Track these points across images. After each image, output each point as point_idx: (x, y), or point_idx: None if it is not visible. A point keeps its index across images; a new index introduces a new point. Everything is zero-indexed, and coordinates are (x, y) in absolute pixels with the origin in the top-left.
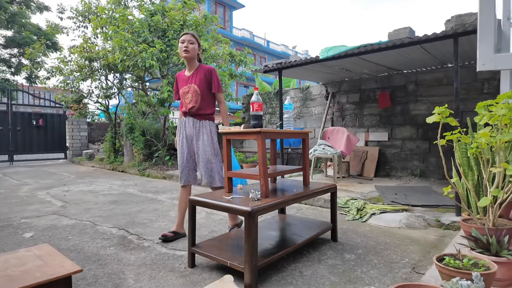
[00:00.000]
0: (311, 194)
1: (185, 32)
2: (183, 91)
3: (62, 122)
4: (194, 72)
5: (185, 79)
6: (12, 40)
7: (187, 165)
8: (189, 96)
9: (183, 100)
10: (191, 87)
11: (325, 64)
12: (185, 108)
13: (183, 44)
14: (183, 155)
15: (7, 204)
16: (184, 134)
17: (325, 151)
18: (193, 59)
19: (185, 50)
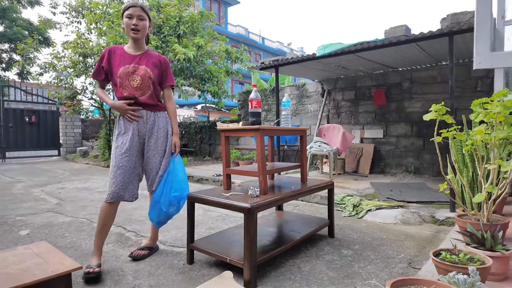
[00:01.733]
0: (308, 191)
1: (131, 4)
2: (124, 71)
3: (55, 118)
4: (143, 54)
5: (127, 56)
6: (3, 36)
7: (132, 175)
8: (136, 78)
9: (125, 82)
10: (140, 68)
11: (321, 62)
12: (128, 94)
13: (130, 20)
14: (130, 161)
15: (1, 202)
16: (135, 130)
17: (321, 148)
18: (141, 39)
19: (135, 30)
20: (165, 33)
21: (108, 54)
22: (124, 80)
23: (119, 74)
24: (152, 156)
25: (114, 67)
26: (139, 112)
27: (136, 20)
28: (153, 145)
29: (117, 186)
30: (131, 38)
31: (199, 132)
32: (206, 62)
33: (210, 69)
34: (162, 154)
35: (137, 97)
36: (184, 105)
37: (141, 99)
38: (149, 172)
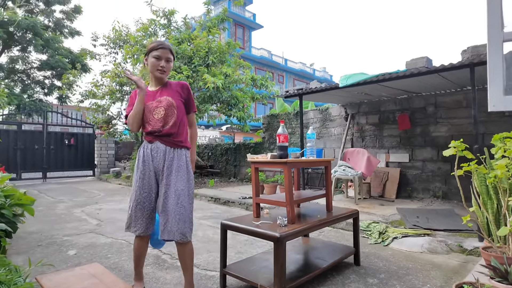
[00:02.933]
0: (334, 220)
1: (161, 44)
2: (150, 106)
3: (91, 141)
4: (162, 87)
5: (149, 94)
6: (46, 64)
7: (147, 210)
8: (160, 111)
9: (150, 116)
10: (162, 100)
11: (344, 90)
12: (152, 127)
13: (158, 61)
14: (145, 195)
15: (48, 222)
16: (151, 166)
17: (346, 172)
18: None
19: (162, 71)
20: (195, 63)
21: (134, 95)
22: (148, 115)
23: (145, 110)
24: (170, 196)
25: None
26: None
27: (164, 62)
28: (173, 184)
29: (139, 223)
30: (155, 77)
31: (224, 153)
32: (232, 88)
33: (236, 95)
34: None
35: (161, 129)
36: (210, 127)
37: (164, 130)
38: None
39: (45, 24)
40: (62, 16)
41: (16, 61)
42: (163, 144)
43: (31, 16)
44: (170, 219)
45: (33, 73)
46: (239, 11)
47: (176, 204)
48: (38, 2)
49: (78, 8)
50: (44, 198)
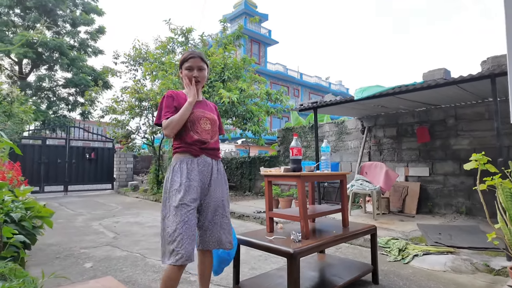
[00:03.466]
0: (350, 236)
1: (191, 54)
2: (197, 115)
3: (111, 155)
4: (202, 101)
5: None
6: (71, 81)
7: (191, 230)
8: (207, 122)
9: (197, 125)
10: (207, 113)
11: (359, 103)
12: (199, 136)
13: (190, 72)
14: (192, 212)
15: (67, 234)
16: (197, 179)
17: (363, 187)
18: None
19: (197, 81)
20: (211, 79)
21: (176, 96)
22: (196, 123)
23: (191, 117)
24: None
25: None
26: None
27: (196, 71)
28: (219, 197)
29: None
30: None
31: (239, 167)
32: (247, 102)
33: (251, 109)
34: (223, 206)
35: (209, 141)
36: (225, 140)
37: (211, 144)
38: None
39: (71, 44)
40: (87, 36)
41: (43, 79)
42: (209, 157)
43: (58, 37)
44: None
45: (58, 90)
46: (255, 28)
47: (222, 215)
48: (65, 24)
49: (101, 28)
50: (64, 211)
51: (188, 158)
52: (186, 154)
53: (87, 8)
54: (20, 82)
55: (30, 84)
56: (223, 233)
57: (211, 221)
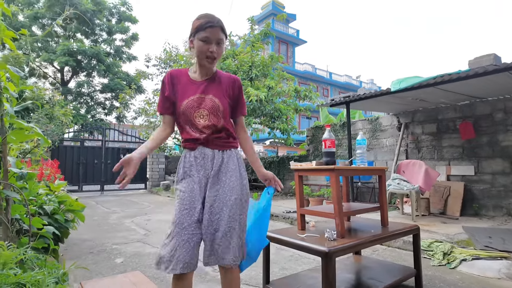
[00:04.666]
0: (391, 235)
1: (209, 22)
2: (188, 105)
3: None
4: (210, 78)
5: (191, 85)
6: (107, 86)
7: (194, 233)
8: (203, 113)
9: (191, 119)
10: (206, 99)
11: (396, 96)
12: (193, 134)
13: (207, 45)
14: (186, 213)
15: (101, 231)
16: (196, 177)
17: (401, 186)
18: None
19: (211, 59)
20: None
21: (171, 79)
22: (189, 116)
23: (182, 109)
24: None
25: (179, 99)
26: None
27: (214, 46)
28: (221, 194)
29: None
30: (201, 65)
31: (268, 167)
32: (275, 101)
33: (279, 108)
34: (230, 206)
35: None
36: (254, 141)
37: (209, 138)
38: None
39: (107, 51)
40: (121, 43)
41: (83, 85)
42: (209, 148)
43: (96, 45)
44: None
45: (96, 95)
46: (283, 28)
47: (227, 219)
48: (102, 32)
49: (135, 35)
50: (99, 209)
51: (186, 152)
52: (185, 148)
53: (122, 17)
54: (62, 88)
55: (70, 90)
56: (227, 243)
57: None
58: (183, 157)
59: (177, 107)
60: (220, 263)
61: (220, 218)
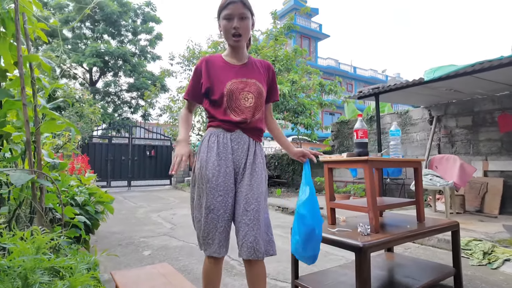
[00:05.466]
0: (428, 231)
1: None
2: (232, 87)
3: (169, 152)
4: (247, 63)
5: (231, 68)
6: (133, 86)
7: (228, 219)
8: (248, 96)
9: (236, 101)
10: (250, 83)
11: (428, 86)
12: (238, 117)
13: (230, 22)
14: (220, 200)
15: (129, 224)
16: (229, 160)
17: (433, 182)
18: (244, 45)
19: (236, 35)
20: None
21: (206, 66)
22: (234, 99)
23: (226, 91)
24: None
25: (217, 83)
26: (242, 137)
27: (237, 21)
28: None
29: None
30: (230, 46)
31: (291, 163)
32: (299, 95)
33: (303, 102)
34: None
35: (250, 120)
36: None
37: (252, 123)
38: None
39: (132, 52)
40: (146, 43)
41: (110, 85)
42: (246, 135)
43: (122, 46)
44: (249, 231)
45: (122, 94)
46: (305, 23)
47: (255, 211)
48: (127, 33)
49: (159, 35)
50: (127, 204)
51: (220, 132)
52: (218, 128)
53: (146, 17)
54: (91, 88)
55: (98, 90)
56: (257, 235)
57: (242, 218)
58: (215, 136)
59: (214, 91)
60: (255, 256)
61: (255, 208)
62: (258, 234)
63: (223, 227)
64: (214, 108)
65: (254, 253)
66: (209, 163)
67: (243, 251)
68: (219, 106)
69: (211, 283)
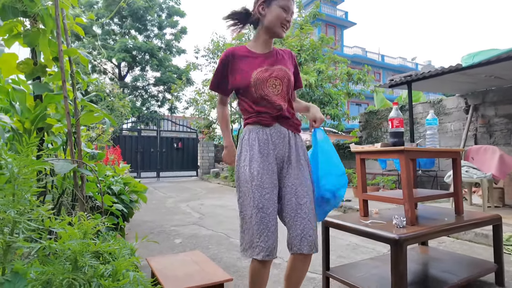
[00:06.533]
0: (468, 225)
1: None
2: (259, 76)
3: (195, 144)
4: (272, 52)
5: (256, 57)
6: (159, 80)
7: (275, 217)
8: (275, 82)
9: (264, 90)
10: (275, 69)
11: (466, 73)
12: (267, 104)
13: (286, 14)
14: (268, 197)
15: (159, 214)
16: (271, 156)
17: (469, 174)
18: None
19: (286, 26)
20: None
21: (231, 58)
22: (261, 88)
23: (253, 81)
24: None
25: (243, 74)
26: (281, 131)
27: (290, 16)
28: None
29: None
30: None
31: None
32: (325, 85)
33: (329, 92)
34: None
35: (283, 106)
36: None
37: (286, 113)
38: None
39: (158, 46)
40: (171, 37)
41: (138, 79)
42: (284, 127)
43: (149, 41)
44: (307, 225)
45: (150, 88)
46: (330, 11)
47: (309, 204)
48: (153, 28)
49: (183, 29)
50: (157, 194)
51: (258, 128)
52: (256, 124)
53: (171, 11)
54: (119, 83)
55: (127, 84)
56: (315, 229)
57: (298, 213)
58: (254, 133)
59: (243, 81)
60: (315, 250)
61: (307, 202)
62: (315, 228)
63: (274, 226)
64: (245, 102)
65: (314, 247)
66: (252, 161)
67: (303, 245)
68: (248, 98)
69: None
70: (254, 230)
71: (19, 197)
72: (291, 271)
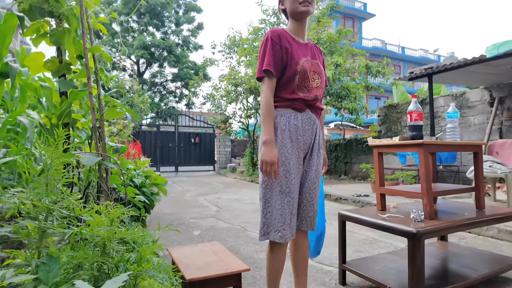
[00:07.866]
0: (490, 220)
1: None
2: (305, 65)
3: (212, 139)
4: (309, 44)
5: (299, 45)
6: (177, 76)
7: (293, 204)
8: (314, 76)
9: (305, 81)
10: (315, 63)
11: (490, 64)
12: (307, 95)
13: None
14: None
15: (178, 206)
16: (301, 142)
17: (493, 169)
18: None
19: (306, 3)
20: None
21: (285, 39)
22: (305, 78)
23: (300, 69)
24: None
25: (292, 59)
26: (310, 116)
27: None
28: (318, 164)
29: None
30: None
31: (334, 150)
32: (343, 79)
33: (347, 86)
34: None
35: (318, 98)
36: None
37: (318, 103)
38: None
39: (176, 43)
40: (188, 33)
41: (156, 76)
42: (314, 114)
43: (167, 38)
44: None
45: (167, 84)
46: (348, 2)
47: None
48: (170, 24)
49: (200, 25)
50: (176, 188)
51: (290, 113)
52: (288, 108)
53: (188, 7)
54: (139, 79)
55: (146, 81)
56: (316, 211)
57: (308, 196)
58: (285, 118)
59: (291, 66)
60: (311, 228)
61: (316, 188)
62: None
63: (296, 209)
64: (282, 86)
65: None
66: (282, 146)
67: (303, 224)
68: (289, 85)
69: (281, 269)
70: (279, 214)
71: (51, 187)
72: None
